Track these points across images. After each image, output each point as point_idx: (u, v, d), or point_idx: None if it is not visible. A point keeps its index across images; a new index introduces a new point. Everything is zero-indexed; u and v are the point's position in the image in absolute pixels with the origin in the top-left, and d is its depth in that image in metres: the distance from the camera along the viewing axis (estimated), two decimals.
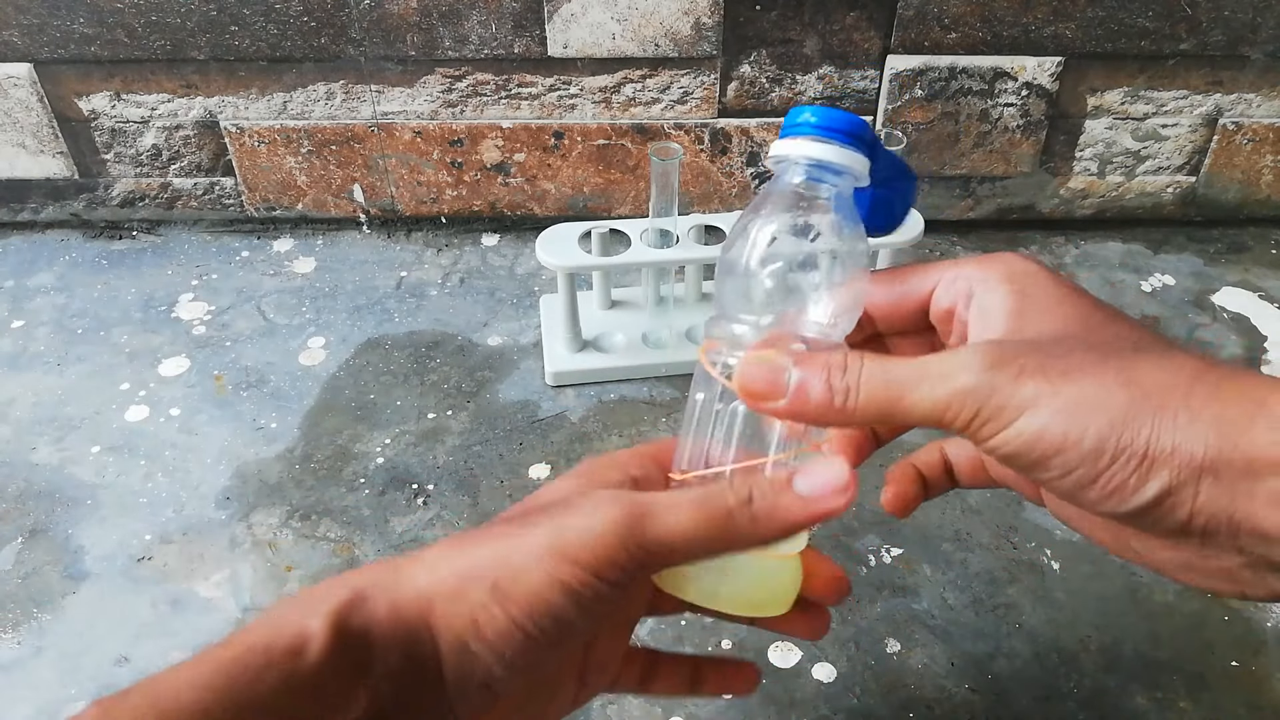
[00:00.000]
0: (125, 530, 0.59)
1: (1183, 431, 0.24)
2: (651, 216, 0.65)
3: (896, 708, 0.50)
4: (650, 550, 0.28)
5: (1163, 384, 0.25)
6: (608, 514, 0.28)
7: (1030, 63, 0.76)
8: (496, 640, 0.27)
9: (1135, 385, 0.25)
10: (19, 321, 0.75)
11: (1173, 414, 0.24)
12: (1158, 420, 0.25)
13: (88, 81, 0.76)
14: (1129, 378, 0.25)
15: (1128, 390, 0.25)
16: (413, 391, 0.68)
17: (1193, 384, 0.25)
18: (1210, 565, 0.27)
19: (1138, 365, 0.26)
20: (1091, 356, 0.26)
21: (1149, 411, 0.25)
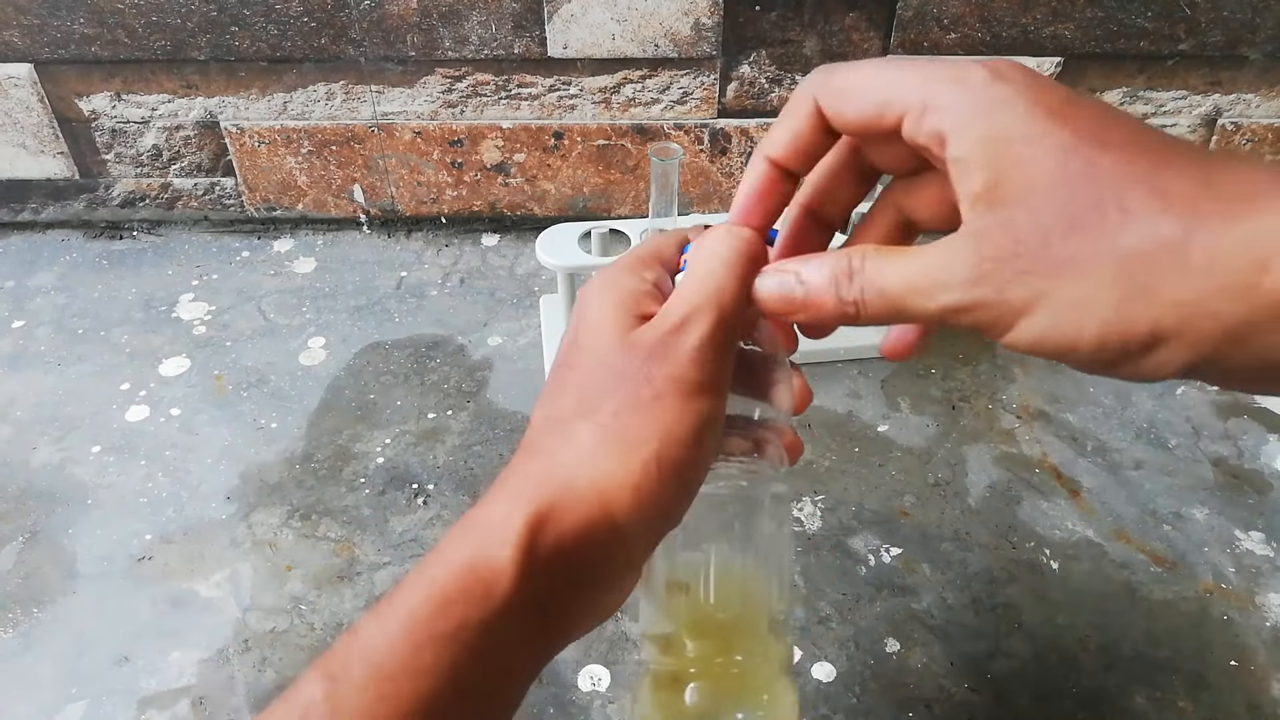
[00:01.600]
0: (125, 530, 0.59)
1: (1188, 302, 0.23)
2: (651, 217, 0.65)
3: (896, 707, 0.50)
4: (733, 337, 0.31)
5: (1155, 248, 0.24)
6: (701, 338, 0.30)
7: (1029, 63, 0.76)
8: (672, 503, 0.30)
9: (1126, 262, 0.24)
10: (19, 321, 0.75)
11: (1170, 279, 0.24)
12: (1157, 297, 0.24)
13: (88, 82, 0.76)
14: (1121, 254, 0.24)
15: (1118, 274, 0.24)
16: (413, 391, 0.68)
17: (1188, 233, 0.24)
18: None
19: (1127, 229, 0.24)
20: (1080, 237, 0.25)
21: (1146, 291, 0.24)
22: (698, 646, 0.32)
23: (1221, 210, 0.23)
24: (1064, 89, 0.27)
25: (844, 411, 0.67)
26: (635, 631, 0.53)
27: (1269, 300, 0.23)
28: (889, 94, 0.28)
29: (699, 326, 0.30)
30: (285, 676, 0.52)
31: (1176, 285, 0.23)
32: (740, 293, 0.30)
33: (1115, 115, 0.26)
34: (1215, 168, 0.24)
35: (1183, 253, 0.23)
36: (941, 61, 0.28)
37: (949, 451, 0.64)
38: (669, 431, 0.29)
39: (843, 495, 0.61)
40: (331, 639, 0.53)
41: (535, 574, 0.28)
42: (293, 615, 0.55)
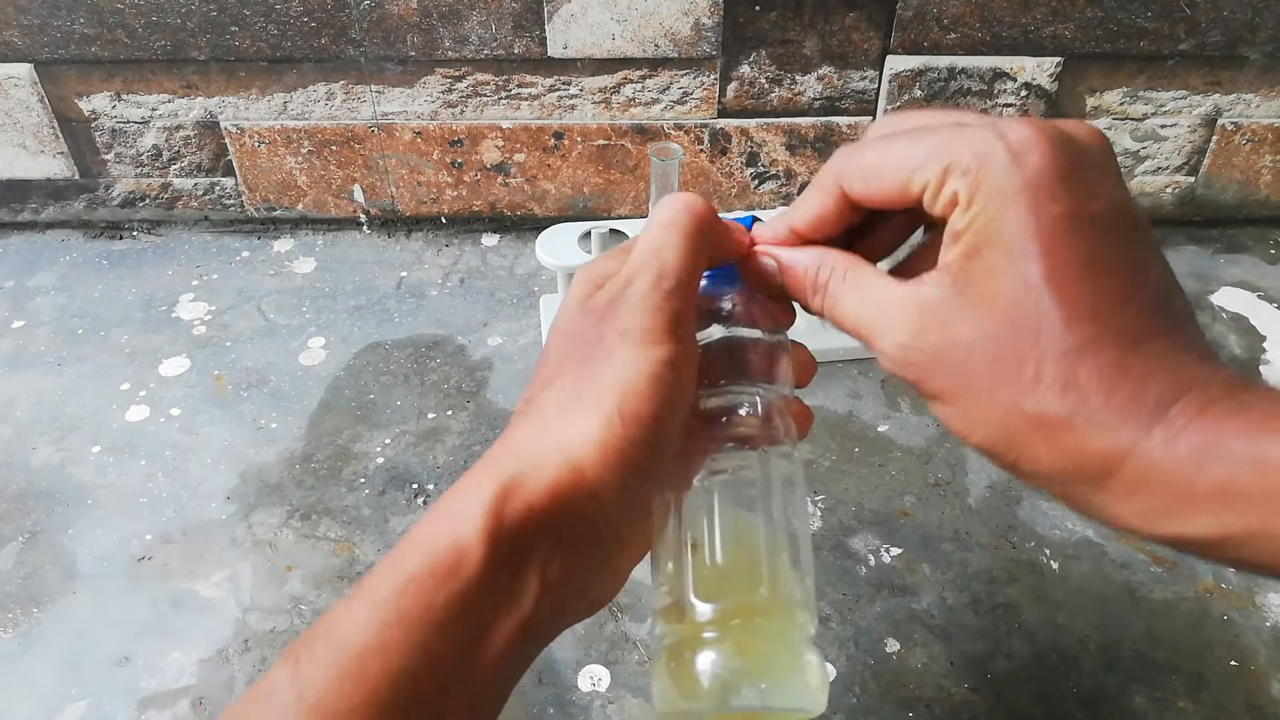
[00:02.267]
0: (125, 530, 0.59)
1: (1047, 466, 0.28)
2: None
3: (896, 707, 0.50)
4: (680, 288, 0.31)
5: (1041, 418, 0.27)
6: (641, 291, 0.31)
7: (1029, 63, 0.76)
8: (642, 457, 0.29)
9: (1015, 417, 0.27)
10: (19, 321, 0.75)
11: (1042, 446, 0.27)
12: (1026, 450, 0.28)
13: (88, 82, 0.77)
14: (1015, 409, 0.27)
15: (1006, 421, 0.28)
16: (413, 391, 0.68)
17: (1069, 422, 0.27)
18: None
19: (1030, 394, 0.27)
20: (991, 378, 0.28)
21: (1019, 442, 0.28)
22: (713, 609, 0.31)
23: (1101, 415, 0.26)
24: (1071, 197, 0.27)
25: (844, 411, 0.67)
26: (636, 632, 0.53)
27: (1108, 494, 0.27)
28: (911, 170, 0.29)
29: (641, 280, 0.30)
30: None
31: (1042, 452, 0.27)
32: (683, 247, 0.31)
33: (1100, 257, 0.27)
34: (1127, 363, 0.26)
35: (1059, 434, 0.27)
36: (964, 127, 0.29)
37: (949, 451, 0.64)
38: (625, 383, 0.29)
39: (843, 495, 0.61)
40: None
41: (505, 546, 0.28)
42: (293, 615, 0.55)
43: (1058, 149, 0.27)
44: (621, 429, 0.29)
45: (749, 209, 0.82)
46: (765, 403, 0.34)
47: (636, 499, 0.31)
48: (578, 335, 0.31)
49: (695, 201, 0.32)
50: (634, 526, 0.31)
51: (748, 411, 0.34)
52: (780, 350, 0.35)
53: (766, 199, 0.83)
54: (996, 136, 0.28)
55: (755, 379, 0.34)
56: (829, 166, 0.32)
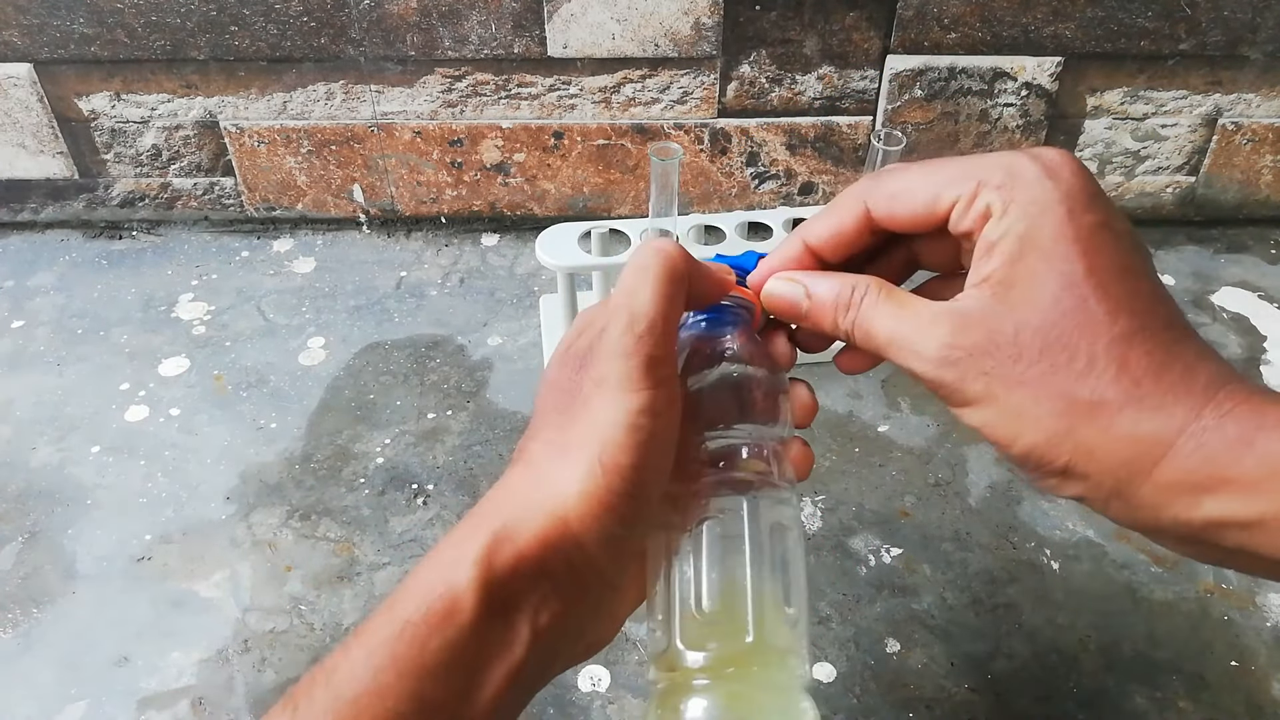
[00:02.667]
0: (125, 530, 0.59)
1: (1099, 458, 0.28)
2: (651, 216, 0.65)
3: (896, 708, 0.50)
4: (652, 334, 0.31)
5: (1096, 404, 0.28)
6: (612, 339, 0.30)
7: (1030, 63, 0.76)
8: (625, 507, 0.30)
9: (1070, 406, 0.28)
10: (19, 321, 0.75)
11: (1096, 435, 0.28)
12: (1080, 442, 0.28)
13: (88, 81, 0.76)
14: (1068, 398, 0.28)
15: (1061, 413, 0.28)
16: (413, 391, 0.68)
17: (1123, 405, 0.27)
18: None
19: (1083, 380, 0.28)
20: (1042, 367, 0.28)
21: (1074, 434, 0.28)
22: (702, 657, 0.31)
23: (1154, 398, 0.27)
24: (1101, 210, 0.29)
25: (844, 411, 0.67)
26: (636, 632, 0.53)
27: (1154, 483, 0.27)
28: (941, 188, 0.31)
29: (613, 327, 0.30)
30: (285, 677, 0.52)
31: (1097, 443, 0.28)
32: (656, 292, 0.30)
33: (1130, 262, 0.29)
34: (1172, 354, 0.28)
35: (1114, 419, 0.27)
36: (991, 154, 0.30)
37: (949, 452, 0.64)
38: (603, 432, 0.30)
39: (843, 495, 0.61)
40: (331, 639, 0.53)
41: (496, 594, 0.28)
42: (292, 615, 0.54)
43: (1085, 170, 0.30)
44: (603, 478, 0.29)
45: (749, 209, 0.82)
46: (761, 446, 0.34)
47: (624, 547, 0.31)
48: (560, 384, 0.32)
49: (668, 246, 0.32)
50: (624, 573, 0.32)
51: (743, 455, 0.34)
52: (779, 391, 0.35)
53: (766, 199, 0.83)
54: (1030, 158, 0.29)
55: (753, 421, 0.34)
56: (851, 189, 0.33)
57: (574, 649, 0.32)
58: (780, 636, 0.32)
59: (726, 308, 0.35)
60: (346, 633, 0.53)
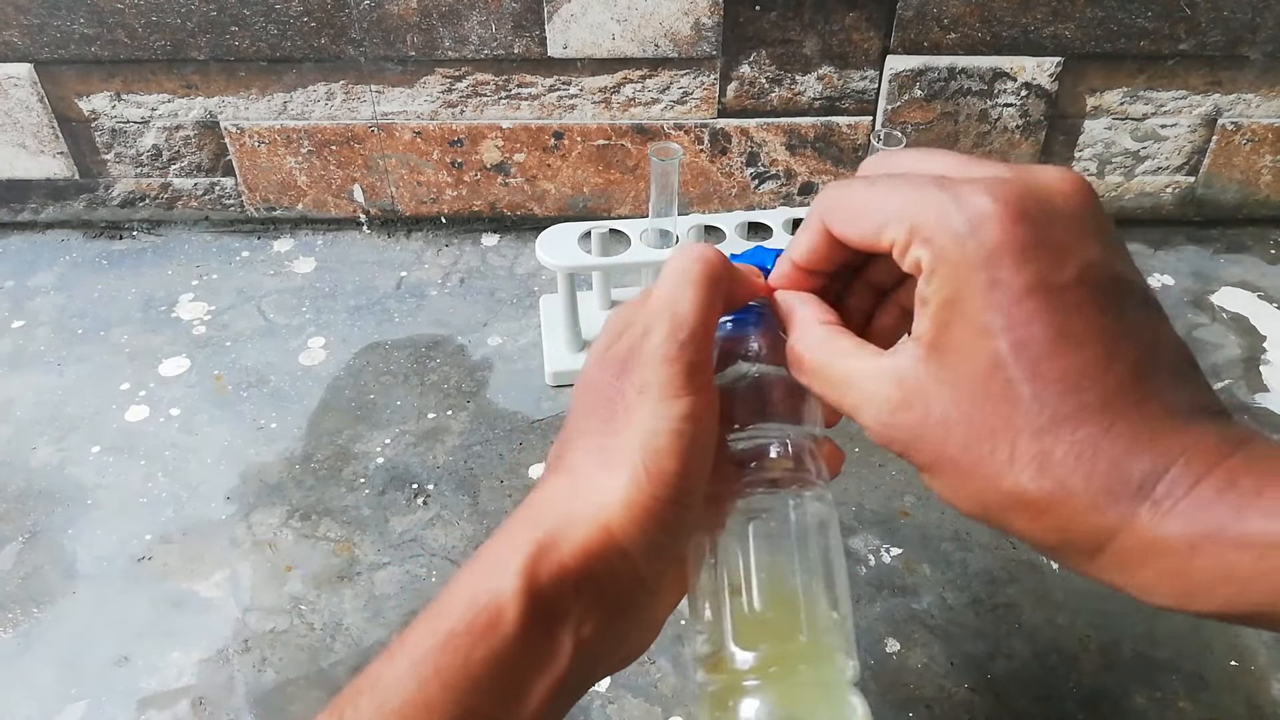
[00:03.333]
0: (125, 530, 0.59)
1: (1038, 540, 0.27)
2: (651, 216, 0.65)
3: (896, 708, 0.50)
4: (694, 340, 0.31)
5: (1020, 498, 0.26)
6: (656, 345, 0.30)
7: (1029, 63, 0.76)
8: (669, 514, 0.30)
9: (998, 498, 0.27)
10: (19, 321, 0.75)
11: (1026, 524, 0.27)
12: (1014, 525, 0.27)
13: (88, 82, 0.76)
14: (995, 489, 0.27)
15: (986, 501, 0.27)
16: (413, 391, 0.68)
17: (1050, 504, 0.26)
18: None
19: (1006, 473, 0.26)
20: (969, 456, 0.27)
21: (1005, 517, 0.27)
22: (754, 657, 0.31)
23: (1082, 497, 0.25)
24: (1041, 261, 0.26)
25: None
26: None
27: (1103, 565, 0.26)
28: (883, 222, 0.29)
29: (656, 333, 0.30)
30: (285, 676, 0.52)
31: (1029, 530, 0.27)
32: (697, 298, 0.31)
33: (1072, 325, 0.26)
34: (1104, 440, 0.25)
35: (1041, 514, 0.26)
36: (925, 186, 0.28)
37: None
38: (648, 440, 0.30)
39: (843, 495, 0.61)
40: (331, 639, 0.53)
41: (540, 603, 0.28)
42: (293, 615, 0.55)
43: (1019, 218, 0.26)
44: (649, 486, 0.29)
45: (749, 209, 0.82)
46: (795, 444, 0.34)
47: (667, 553, 0.31)
48: (600, 388, 0.32)
49: (708, 251, 0.32)
50: (665, 579, 0.32)
51: (778, 453, 0.34)
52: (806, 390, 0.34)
53: (766, 199, 0.83)
54: (957, 205, 0.26)
55: (784, 419, 0.34)
56: (816, 203, 0.32)
57: (613, 657, 0.32)
58: (830, 634, 0.32)
59: (752, 308, 0.35)
60: (347, 632, 0.53)
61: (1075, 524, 0.26)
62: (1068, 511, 0.26)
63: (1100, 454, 0.25)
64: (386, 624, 0.54)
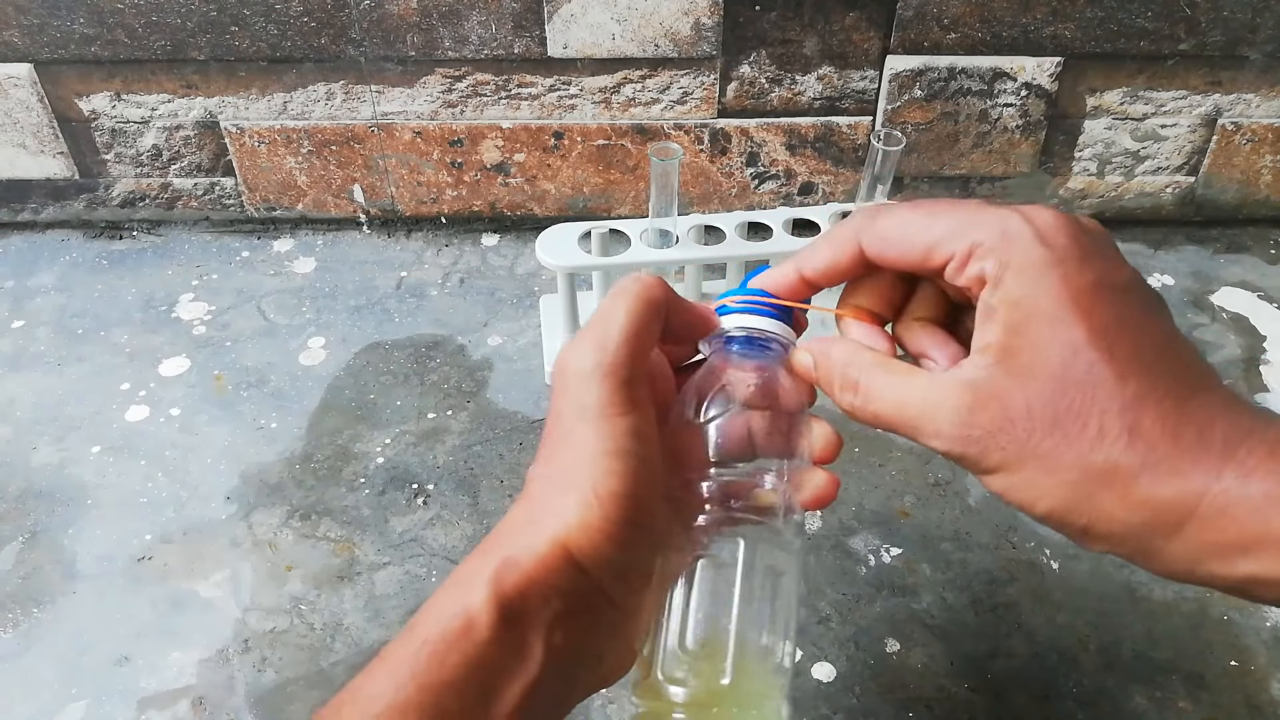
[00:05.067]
0: (125, 530, 0.59)
1: (1119, 522, 0.28)
2: (651, 217, 0.65)
3: (896, 707, 0.50)
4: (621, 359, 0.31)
5: (1111, 471, 0.28)
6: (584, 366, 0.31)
7: (1029, 63, 0.76)
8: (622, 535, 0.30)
9: (1084, 475, 0.28)
10: (19, 321, 0.75)
11: (1113, 501, 0.28)
12: (1098, 507, 0.28)
13: (88, 82, 0.76)
14: (1082, 467, 0.28)
15: (1075, 482, 0.28)
16: (413, 391, 0.68)
17: (1139, 471, 0.27)
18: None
19: (1097, 448, 0.28)
20: (1056, 439, 0.28)
21: (1091, 500, 0.28)
22: (681, 692, 0.31)
23: (1170, 462, 0.27)
24: (1099, 267, 0.29)
25: None
26: None
27: (1183, 543, 0.27)
28: (935, 239, 0.31)
29: (585, 354, 0.31)
30: (285, 676, 0.52)
31: (1115, 508, 0.28)
32: (628, 319, 0.31)
33: (1133, 316, 0.29)
34: (1185, 413, 0.27)
35: (1130, 486, 0.27)
36: (985, 208, 0.30)
37: None
38: (593, 462, 0.30)
39: (843, 495, 0.61)
40: (331, 639, 0.53)
41: (508, 609, 0.29)
42: (293, 615, 0.55)
43: (1079, 229, 0.29)
44: (599, 509, 0.30)
45: (749, 209, 0.83)
46: (768, 483, 0.34)
47: (631, 572, 0.31)
48: (550, 415, 0.32)
49: (645, 276, 0.33)
50: (636, 597, 0.32)
51: (747, 492, 0.33)
52: (795, 426, 0.34)
53: (766, 199, 0.83)
54: (1023, 219, 0.29)
55: (764, 456, 0.34)
56: (848, 223, 0.33)
57: (594, 673, 0.32)
58: (758, 680, 0.32)
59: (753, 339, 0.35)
60: (347, 632, 0.53)
61: (1163, 493, 0.27)
62: (1156, 479, 0.27)
63: (1185, 420, 0.27)
64: (386, 624, 0.54)
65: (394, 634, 0.53)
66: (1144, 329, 0.29)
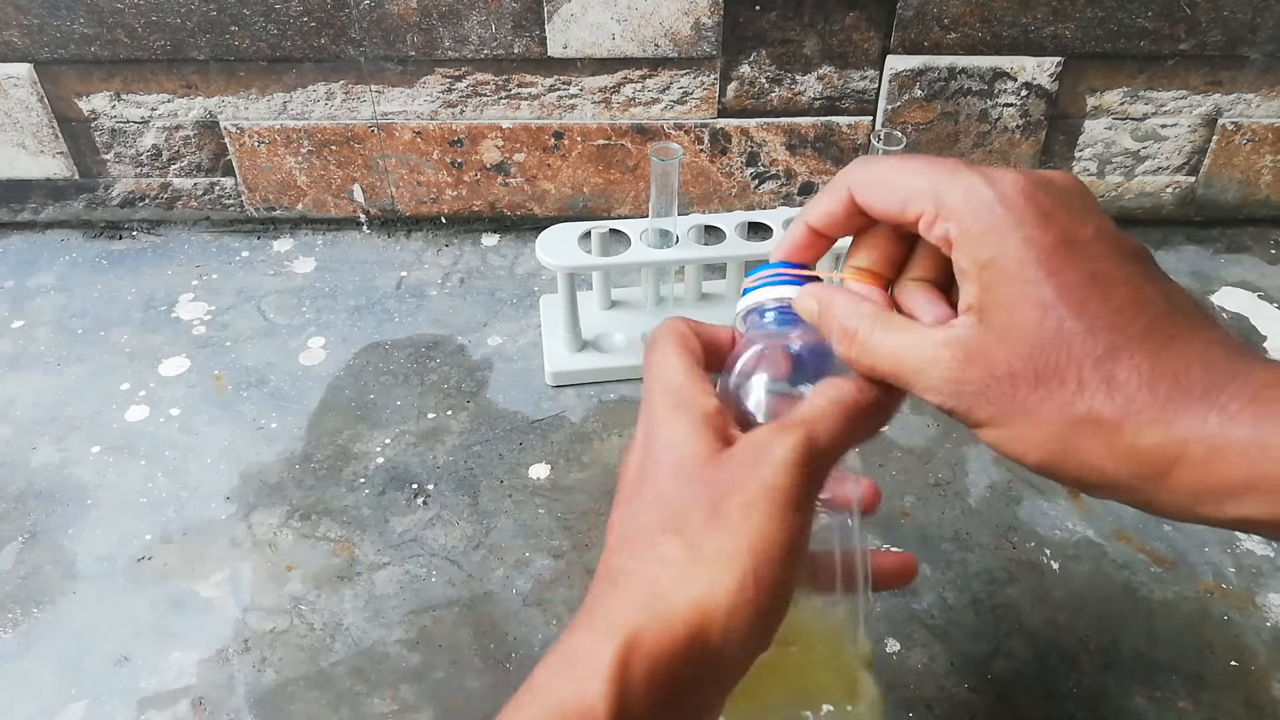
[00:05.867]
0: (125, 530, 0.59)
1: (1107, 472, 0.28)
2: (651, 216, 0.65)
3: (897, 708, 0.50)
4: (828, 461, 0.31)
5: (1094, 421, 0.28)
6: (790, 451, 0.30)
7: (1030, 63, 0.76)
8: (772, 618, 0.29)
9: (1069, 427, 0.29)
10: (19, 321, 0.75)
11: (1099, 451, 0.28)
12: (1085, 458, 0.29)
13: (88, 81, 0.76)
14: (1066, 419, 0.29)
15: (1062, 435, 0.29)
16: (413, 391, 0.68)
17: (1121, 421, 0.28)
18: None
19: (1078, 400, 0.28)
20: (1039, 393, 0.29)
21: (1078, 451, 0.29)
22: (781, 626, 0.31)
23: (1150, 411, 0.28)
24: (1059, 225, 0.29)
25: None
26: None
27: (1171, 489, 0.28)
28: (909, 194, 0.32)
29: (797, 439, 0.30)
30: (285, 676, 0.52)
31: (1102, 457, 0.28)
32: (840, 428, 0.31)
33: (1105, 269, 0.29)
34: (1159, 362, 0.28)
35: (1113, 435, 0.28)
36: (957, 169, 0.31)
37: (949, 451, 0.64)
38: (764, 546, 0.29)
39: None
40: (331, 639, 0.53)
41: (628, 709, 0.27)
42: (292, 615, 0.55)
43: (1039, 189, 0.30)
44: (755, 594, 0.28)
45: (749, 209, 0.83)
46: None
47: (752, 659, 0.30)
48: (711, 482, 0.30)
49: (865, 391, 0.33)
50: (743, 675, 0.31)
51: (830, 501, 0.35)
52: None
53: (766, 199, 0.83)
54: (986, 182, 0.30)
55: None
56: (843, 172, 0.34)
57: None
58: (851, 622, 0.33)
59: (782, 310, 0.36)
60: (347, 632, 0.53)
61: (1146, 441, 0.27)
62: (1138, 428, 0.28)
63: (1159, 373, 0.28)
64: (386, 624, 0.54)
65: (394, 634, 0.53)
66: (1114, 281, 0.29)
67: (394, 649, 0.53)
